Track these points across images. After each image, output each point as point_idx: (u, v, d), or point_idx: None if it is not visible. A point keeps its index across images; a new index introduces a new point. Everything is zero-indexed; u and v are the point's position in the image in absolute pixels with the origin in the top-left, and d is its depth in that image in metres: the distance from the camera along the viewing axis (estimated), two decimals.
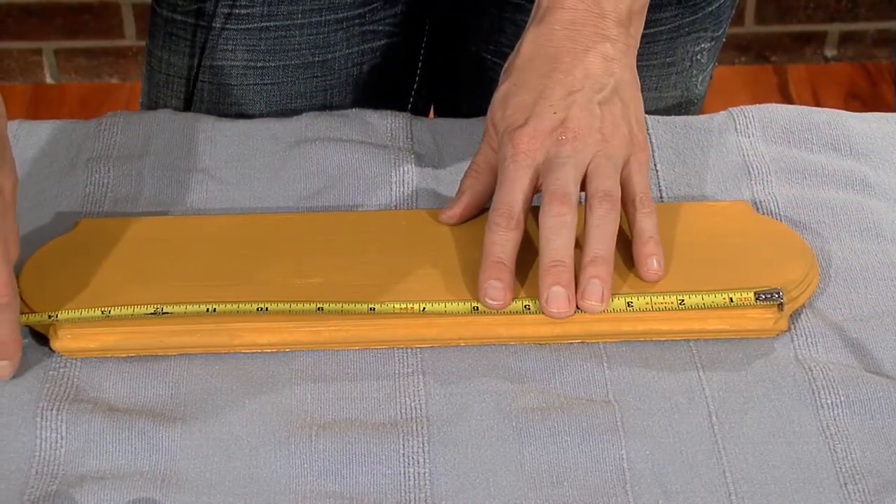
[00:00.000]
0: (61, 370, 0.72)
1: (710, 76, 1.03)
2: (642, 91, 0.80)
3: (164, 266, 0.75)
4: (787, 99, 2.19)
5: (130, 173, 0.83)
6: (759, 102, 0.90)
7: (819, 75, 2.24)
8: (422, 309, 0.72)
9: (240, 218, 0.79)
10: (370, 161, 0.84)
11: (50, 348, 0.72)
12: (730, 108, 0.89)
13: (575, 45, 0.77)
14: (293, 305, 0.72)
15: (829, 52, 2.26)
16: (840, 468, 0.68)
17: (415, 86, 1.05)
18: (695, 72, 1.00)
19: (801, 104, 0.91)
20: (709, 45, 0.99)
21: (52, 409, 0.69)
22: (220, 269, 0.75)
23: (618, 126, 0.76)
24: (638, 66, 0.80)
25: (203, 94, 0.97)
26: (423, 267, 0.75)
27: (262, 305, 0.72)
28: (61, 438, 0.68)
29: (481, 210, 0.79)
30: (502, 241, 0.73)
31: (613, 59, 0.77)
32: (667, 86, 0.99)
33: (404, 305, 0.72)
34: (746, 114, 0.88)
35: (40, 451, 0.68)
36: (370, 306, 0.72)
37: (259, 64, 0.95)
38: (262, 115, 0.95)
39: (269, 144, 0.86)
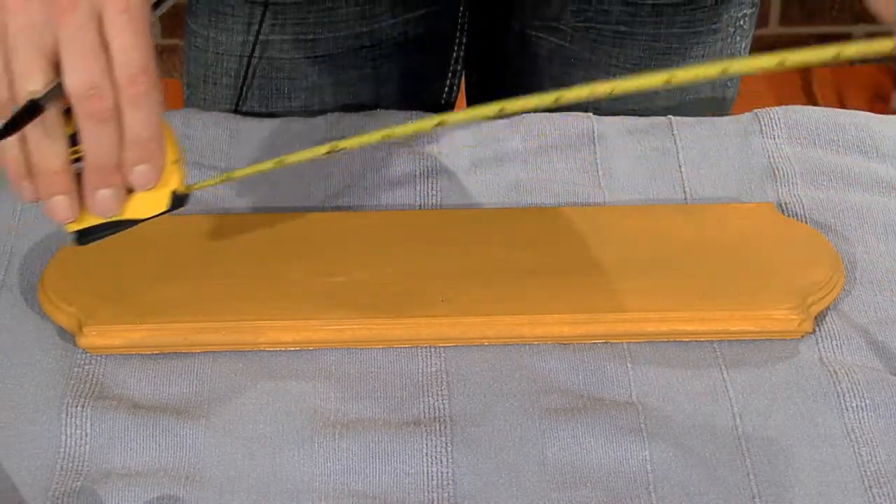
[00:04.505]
0: (86, 367, 0.72)
1: (749, 47, 1.03)
2: (686, 63, 0.75)
3: (188, 264, 0.75)
4: (811, 101, 2.18)
5: None
6: (784, 104, 0.89)
7: (844, 77, 2.23)
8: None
9: (263, 217, 0.80)
10: (394, 161, 0.85)
11: (76, 345, 0.73)
12: (755, 110, 0.89)
13: None
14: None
15: None
16: (865, 472, 0.67)
17: (459, 55, 1.04)
18: (738, 38, 1.00)
19: (825, 106, 0.91)
20: (750, 10, 0.99)
21: (77, 406, 0.69)
22: (243, 267, 0.75)
23: None
24: (684, 35, 0.78)
25: (255, 69, 0.97)
26: (447, 266, 0.75)
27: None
28: (86, 435, 0.68)
29: None
30: None
31: None
32: (713, 53, 0.99)
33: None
34: (772, 115, 0.88)
35: (65, 447, 0.68)
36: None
37: (309, 36, 0.95)
38: (316, 87, 0.95)
39: (293, 143, 0.86)
